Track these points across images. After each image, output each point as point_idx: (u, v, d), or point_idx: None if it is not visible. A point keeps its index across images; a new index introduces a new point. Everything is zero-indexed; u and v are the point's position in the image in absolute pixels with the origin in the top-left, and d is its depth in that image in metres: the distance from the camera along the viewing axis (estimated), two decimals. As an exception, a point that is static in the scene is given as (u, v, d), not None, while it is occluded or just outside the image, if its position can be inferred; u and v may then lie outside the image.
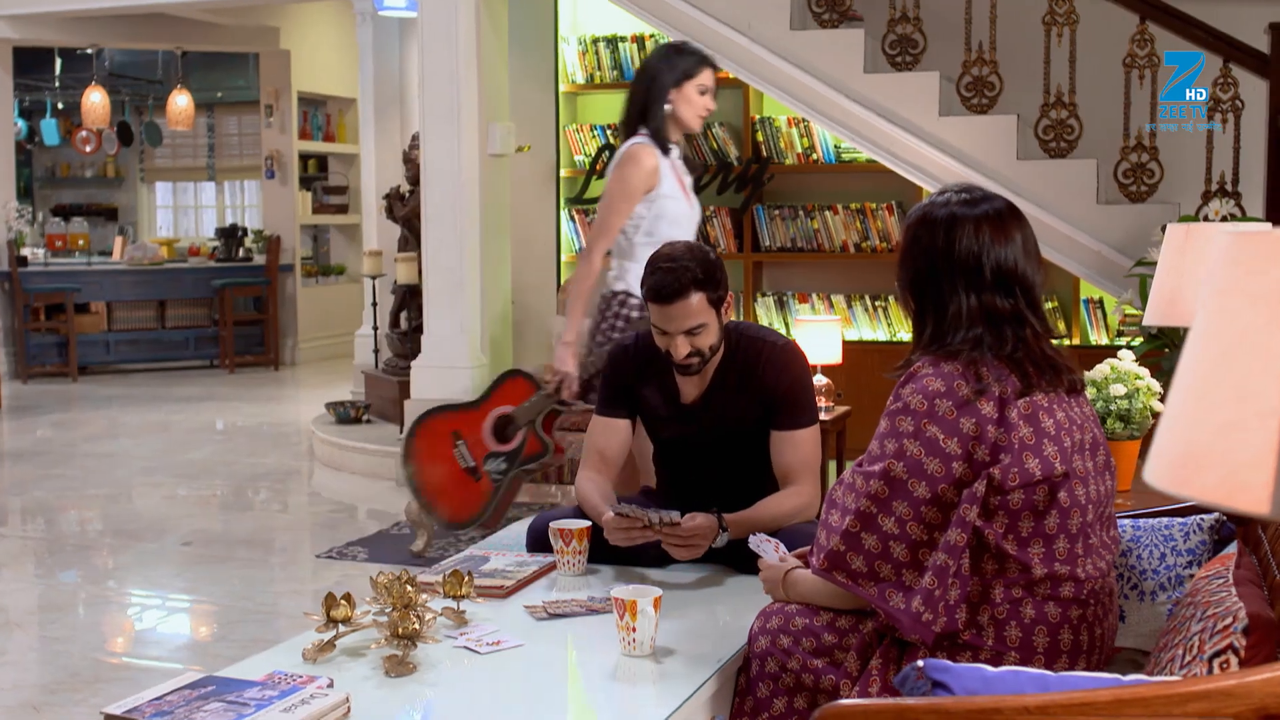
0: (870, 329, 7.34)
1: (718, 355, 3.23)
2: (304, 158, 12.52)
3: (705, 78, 4.36)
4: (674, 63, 4.34)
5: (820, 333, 5.83)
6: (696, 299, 3.09)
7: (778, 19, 6.24)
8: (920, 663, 1.88)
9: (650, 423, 3.36)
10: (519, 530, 3.80)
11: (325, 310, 12.62)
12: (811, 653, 2.53)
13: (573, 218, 7.81)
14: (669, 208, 4.32)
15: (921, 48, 6.13)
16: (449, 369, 6.85)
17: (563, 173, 7.80)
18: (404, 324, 8.13)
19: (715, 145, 7.51)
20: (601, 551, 3.18)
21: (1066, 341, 6.92)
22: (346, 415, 7.87)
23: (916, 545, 2.31)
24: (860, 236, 7.32)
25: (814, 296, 7.43)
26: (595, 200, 7.64)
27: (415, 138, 8.04)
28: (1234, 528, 2.69)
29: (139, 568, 5.47)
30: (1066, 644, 2.35)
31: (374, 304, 8.46)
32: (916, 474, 2.30)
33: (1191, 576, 2.64)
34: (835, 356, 5.76)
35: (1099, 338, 6.89)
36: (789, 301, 7.48)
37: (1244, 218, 5.54)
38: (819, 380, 5.70)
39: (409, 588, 2.66)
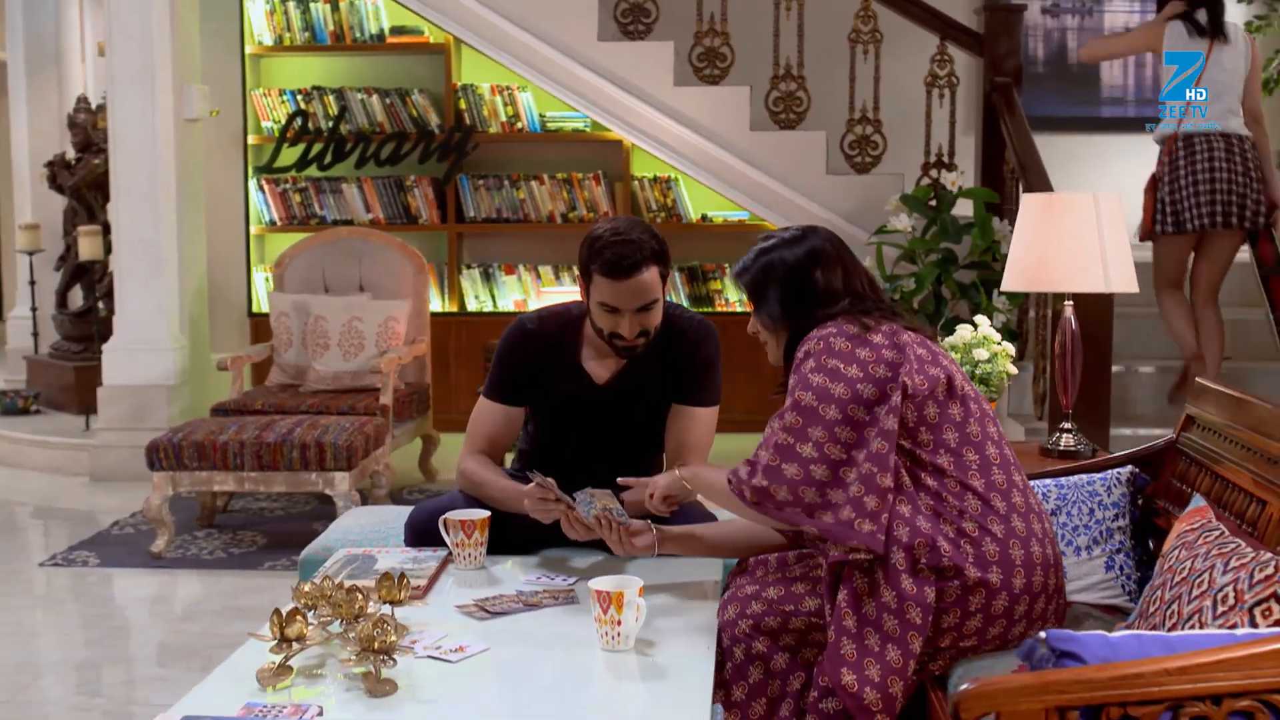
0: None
1: None
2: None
3: None
4: None
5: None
6: (651, 273, 2.95)
7: (509, -17, 6.09)
8: (1044, 634, 1.87)
9: (558, 408, 3.17)
10: (349, 524, 3.52)
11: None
12: (784, 615, 2.52)
13: (262, 188, 7.35)
14: None
15: (654, 17, 6.14)
16: (148, 351, 6.31)
17: (250, 140, 7.32)
18: (72, 304, 7.40)
19: (415, 113, 7.25)
20: (495, 541, 3.00)
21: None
22: (13, 406, 7.09)
23: (836, 464, 2.42)
24: (567, 206, 7.27)
25: (520, 268, 7.32)
26: (287, 170, 7.22)
27: (81, 100, 7.33)
28: (1147, 479, 2.85)
29: None
30: (1038, 556, 2.45)
31: (32, 282, 7.65)
32: (824, 399, 2.44)
33: (1121, 529, 2.76)
34: (580, 328, 5.70)
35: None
36: (495, 273, 7.34)
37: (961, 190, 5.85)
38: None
39: (359, 595, 2.42)
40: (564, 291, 6.04)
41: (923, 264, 5.49)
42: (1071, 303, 3.40)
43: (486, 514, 2.96)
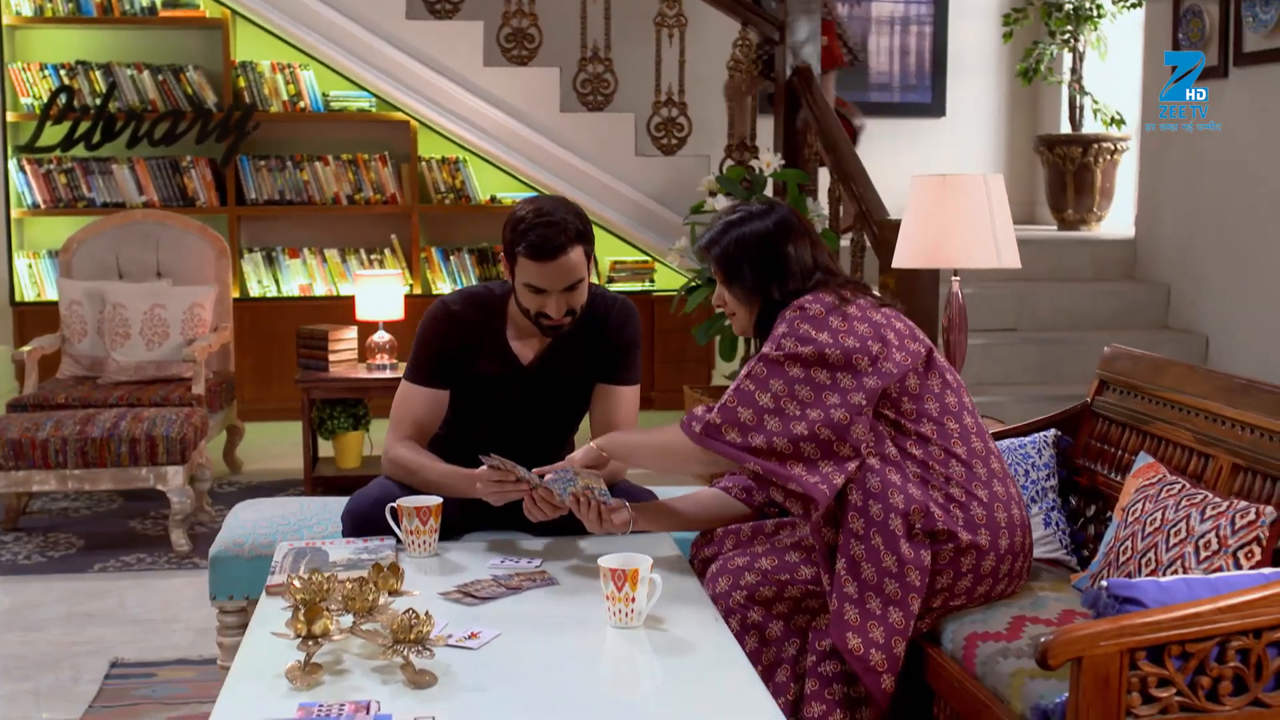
0: (373, 283, 7.16)
1: None
2: None
3: None
4: None
5: (381, 288, 5.67)
6: (576, 253, 2.96)
7: (310, -41, 5.92)
8: (1105, 582, 2.03)
9: (482, 389, 3.15)
10: (249, 518, 3.40)
11: None
12: (779, 584, 2.61)
13: (23, 168, 6.88)
14: None
15: (462, -4, 6.10)
16: (-84, 348, 5.85)
17: (9, 117, 6.84)
18: None
19: (190, 91, 6.94)
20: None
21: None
22: None
23: (789, 419, 2.55)
24: (353, 188, 7.11)
25: (305, 251, 7.13)
26: (51, 149, 6.79)
27: None
28: (1070, 440, 3.07)
29: None
30: (1017, 518, 2.63)
31: None
32: (791, 357, 2.60)
33: (1052, 488, 2.98)
34: (398, 312, 5.64)
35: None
36: (278, 257, 7.12)
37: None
38: (381, 337, 5.56)
39: (371, 588, 2.37)
40: (380, 274, 5.89)
41: (739, 243, 5.65)
42: (958, 278, 3.62)
43: (439, 500, 2.93)
